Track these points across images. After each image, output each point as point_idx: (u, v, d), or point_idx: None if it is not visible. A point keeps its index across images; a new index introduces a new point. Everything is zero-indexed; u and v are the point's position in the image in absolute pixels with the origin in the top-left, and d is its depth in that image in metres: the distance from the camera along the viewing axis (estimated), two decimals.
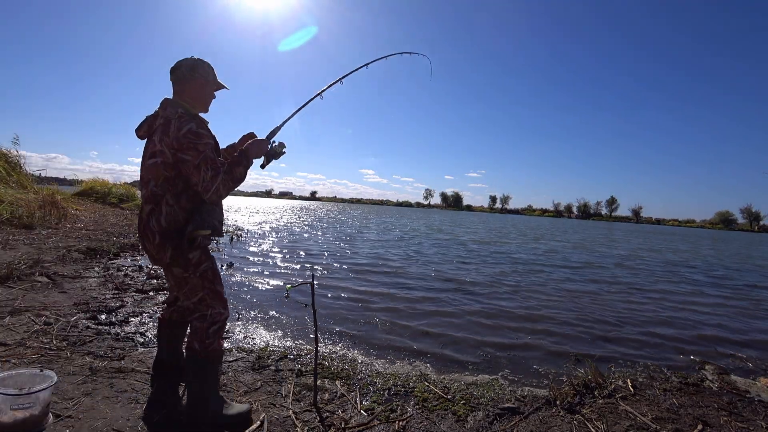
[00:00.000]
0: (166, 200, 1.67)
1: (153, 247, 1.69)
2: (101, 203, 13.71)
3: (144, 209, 1.72)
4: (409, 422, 1.96)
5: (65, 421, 1.70)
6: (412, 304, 4.44)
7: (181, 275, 1.74)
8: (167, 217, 1.67)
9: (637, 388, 2.53)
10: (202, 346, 1.73)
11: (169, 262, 1.71)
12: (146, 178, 1.71)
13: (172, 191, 1.68)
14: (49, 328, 2.70)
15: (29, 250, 5.10)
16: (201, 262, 1.75)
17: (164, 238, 1.67)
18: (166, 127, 1.64)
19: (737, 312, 5.15)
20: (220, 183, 1.66)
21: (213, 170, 1.64)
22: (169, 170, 1.66)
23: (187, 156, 1.62)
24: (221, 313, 1.80)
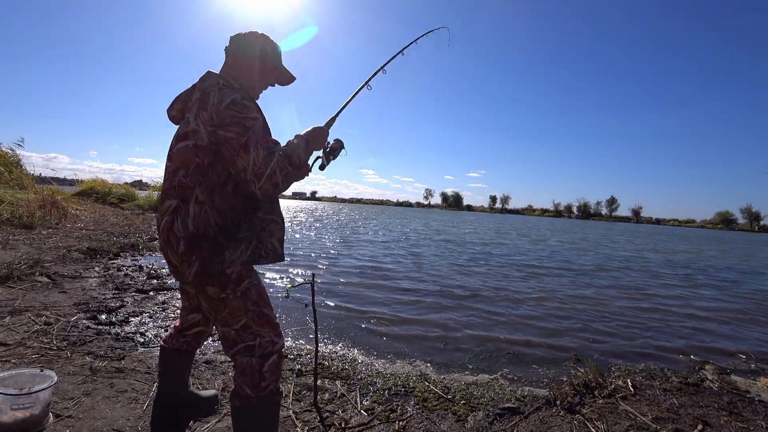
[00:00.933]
0: (196, 196, 1.28)
1: (176, 257, 1.29)
2: (101, 203, 13.72)
3: (166, 206, 1.32)
4: (409, 422, 1.96)
5: (65, 421, 1.70)
6: (413, 304, 4.44)
7: (217, 295, 1.33)
8: (196, 219, 1.27)
9: (637, 388, 2.53)
10: (256, 390, 1.30)
11: (192, 280, 1.31)
12: (173, 167, 1.34)
13: (205, 184, 1.28)
14: (49, 328, 2.70)
15: (29, 250, 5.10)
16: (242, 278, 1.34)
17: (190, 246, 1.27)
18: (203, 101, 1.29)
19: (738, 312, 5.14)
20: (277, 166, 1.24)
21: (266, 150, 1.24)
22: (203, 155, 1.28)
23: (230, 133, 1.23)
24: (273, 341, 1.37)
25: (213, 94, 1.28)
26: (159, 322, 3.11)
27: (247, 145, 1.22)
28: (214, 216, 1.29)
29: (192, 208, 1.28)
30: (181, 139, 1.33)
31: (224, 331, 1.37)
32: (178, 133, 1.36)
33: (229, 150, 1.24)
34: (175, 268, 1.33)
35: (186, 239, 1.27)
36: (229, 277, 1.32)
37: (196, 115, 1.29)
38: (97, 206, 12.60)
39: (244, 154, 1.22)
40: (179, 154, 1.33)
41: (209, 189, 1.29)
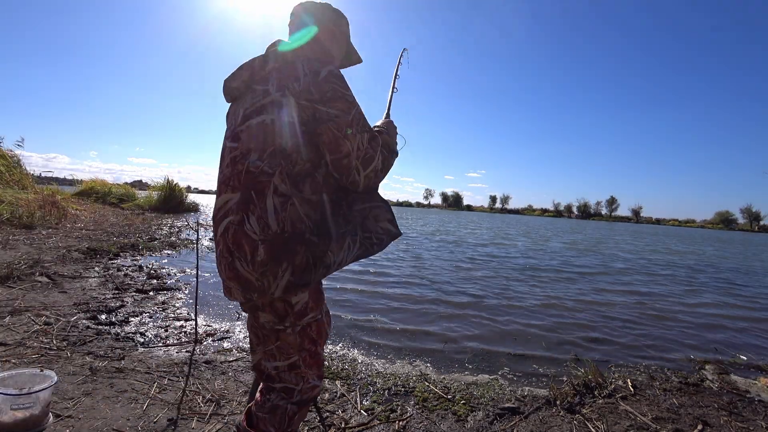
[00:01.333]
0: (275, 186, 0.99)
1: (252, 268, 0.98)
2: (101, 203, 13.72)
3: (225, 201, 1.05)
4: (409, 422, 1.96)
5: (65, 421, 1.70)
6: (413, 304, 4.44)
7: (271, 326, 1.08)
8: (280, 215, 0.98)
9: (637, 388, 2.53)
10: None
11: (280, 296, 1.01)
12: (241, 150, 1.05)
13: (288, 170, 1.01)
14: (49, 328, 2.70)
15: (29, 250, 5.10)
16: (306, 311, 1.09)
17: (276, 251, 0.97)
18: (287, 71, 1.04)
19: (738, 312, 5.15)
20: (380, 153, 1.08)
21: (369, 132, 1.07)
22: (287, 136, 1.02)
23: (333, 110, 1.02)
24: (315, 386, 1.16)
25: (300, 64, 1.04)
26: (159, 322, 3.11)
27: (352, 124, 1.03)
28: (305, 210, 1.01)
29: (271, 201, 0.99)
30: (256, 114, 1.04)
31: (265, 365, 1.14)
32: (246, 107, 1.08)
33: (332, 130, 1.02)
34: (247, 283, 1.00)
35: (268, 243, 0.97)
36: (292, 306, 1.06)
37: (280, 86, 1.03)
38: (97, 206, 12.61)
39: (350, 137, 1.03)
40: (252, 132, 1.03)
41: (294, 177, 1.02)
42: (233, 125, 1.10)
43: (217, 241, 1.05)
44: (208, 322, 3.25)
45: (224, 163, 1.09)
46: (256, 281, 0.99)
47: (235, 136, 1.07)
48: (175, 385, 2.11)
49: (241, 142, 1.05)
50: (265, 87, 1.05)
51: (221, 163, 1.11)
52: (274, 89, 1.03)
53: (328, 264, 1.02)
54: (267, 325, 1.09)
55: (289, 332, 1.08)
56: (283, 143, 1.01)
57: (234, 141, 1.07)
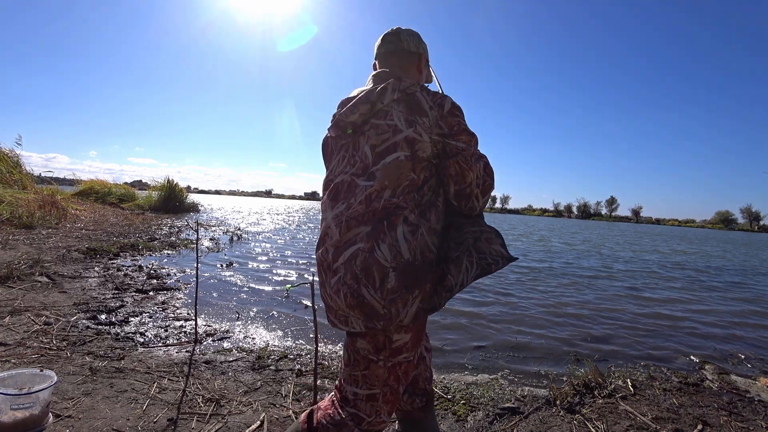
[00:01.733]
0: (405, 217, 1.04)
1: (382, 295, 1.00)
2: (101, 203, 13.72)
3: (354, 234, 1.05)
4: None
5: (65, 421, 1.70)
6: None
7: (365, 353, 1.09)
8: (411, 243, 1.03)
9: (637, 387, 2.53)
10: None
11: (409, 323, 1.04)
12: (377, 188, 1.06)
13: (417, 202, 1.07)
14: (49, 328, 2.70)
15: (29, 250, 5.10)
16: (402, 350, 1.09)
17: (408, 279, 1.00)
18: (412, 105, 1.07)
19: (738, 312, 5.15)
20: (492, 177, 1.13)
21: (484, 160, 1.12)
22: (420, 169, 1.07)
23: (460, 143, 1.07)
24: (383, 422, 1.14)
25: (422, 96, 1.09)
26: (159, 322, 3.11)
27: (474, 155, 1.08)
28: (431, 239, 1.07)
29: (401, 230, 1.03)
30: (389, 152, 1.06)
31: (343, 387, 1.15)
32: (374, 143, 1.09)
33: (460, 163, 1.06)
34: (372, 311, 1.00)
35: (399, 271, 1.00)
36: (391, 342, 1.07)
37: (410, 122, 1.06)
38: (97, 206, 12.61)
39: (474, 167, 1.07)
40: (389, 170, 1.05)
41: (422, 207, 1.07)
42: (364, 162, 1.10)
43: (336, 269, 1.05)
44: (208, 322, 3.25)
45: (358, 200, 1.07)
46: (382, 309, 1.00)
47: (370, 174, 1.08)
48: (175, 385, 2.11)
49: (377, 180, 1.07)
50: (392, 122, 1.08)
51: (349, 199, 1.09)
52: (403, 125, 1.06)
53: (450, 287, 1.05)
54: (362, 352, 1.09)
55: (380, 365, 1.09)
56: (415, 178, 1.06)
57: (369, 180, 1.08)
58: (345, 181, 1.12)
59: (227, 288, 4.52)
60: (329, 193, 1.15)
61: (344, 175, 1.13)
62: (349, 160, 1.14)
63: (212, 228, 11.64)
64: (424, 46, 1.29)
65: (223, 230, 11.25)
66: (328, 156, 1.24)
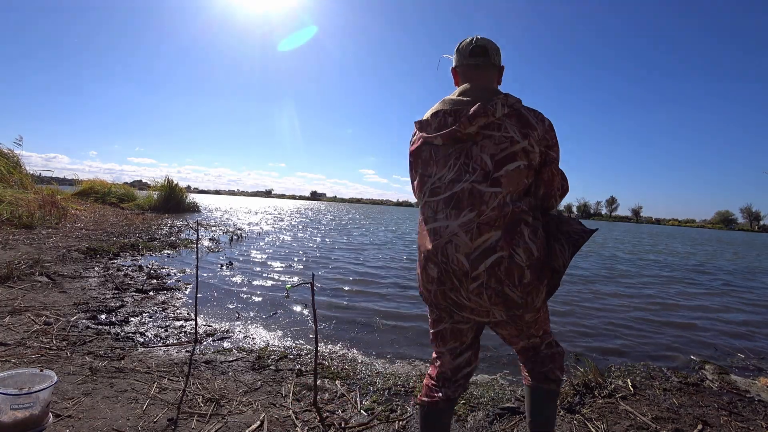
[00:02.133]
0: (527, 220, 1.19)
1: (520, 290, 1.16)
2: (101, 203, 13.73)
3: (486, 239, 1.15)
4: (409, 422, 1.96)
5: (65, 421, 1.70)
6: (413, 304, 4.44)
7: (532, 317, 1.29)
8: (536, 243, 1.19)
9: (637, 387, 2.53)
10: (562, 372, 1.43)
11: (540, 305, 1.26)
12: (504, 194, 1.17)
13: (531, 205, 1.23)
14: (49, 328, 2.70)
15: (29, 250, 5.10)
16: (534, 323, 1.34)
17: (539, 273, 1.19)
18: (521, 120, 1.21)
19: (738, 312, 5.15)
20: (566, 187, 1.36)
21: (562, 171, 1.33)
22: (530, 176, 1.23)
23: (554, 153, 1.26)
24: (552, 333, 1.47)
25: (527, 111, 1.23)
26: (159, 322, 3.11)
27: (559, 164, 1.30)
28: (543, 236, 1.24)
29: (527, 233, 1.17)
30: (509, 161, 1.18)
31: (532, 342, 1.40)
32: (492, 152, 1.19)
33: (552, 170, 1.26)
34: (512, 303, 1.17)
35: (533, 267, 1.16)
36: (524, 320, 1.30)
37: (524, 134, 1.19)
38: (97, 206, 12.61)
39: (560, 175, 1.30)
40: (512, 177, 1.18)
41: (533, 210, 1.24)
42: (483, 170, 1.19)
43: (476, 276, 1.15)
44: (208, 322, 3.25)
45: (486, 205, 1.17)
46: (519, 299, 1.17)
47: (494, 181, 1.18)
48: (175, 385, 2.11)
49: (503, 186, 1.17)
50: (508, 134, 1.19)
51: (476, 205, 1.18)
52: (519, 137, 1.19)
53: (558, 269, 1.26)
54: (529, 319, 1.30)
55: (543, 311, 1.34)
56: (527, 183, 1.22)
57: (494, 186, 1.17)
58: (466, 189, 1.19)
59: (227, 288, 4.52)
60: (446, 201, 1.21)
61: (463, 183, 1.20)
62: (462, 167, 1.21)
63: (212, 228, 11.64)
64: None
65: (223, 230, 11.25)
66: (424, 163, 1.29)
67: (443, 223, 1.20)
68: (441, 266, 1.19)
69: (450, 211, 1.20)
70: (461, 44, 1.39)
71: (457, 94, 1.30)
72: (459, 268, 1.16)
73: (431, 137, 1.26)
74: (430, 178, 1.26)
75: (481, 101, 1.21)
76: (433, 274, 1.22)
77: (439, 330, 1.37)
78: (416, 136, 1.34)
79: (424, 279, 1.26)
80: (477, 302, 1.18)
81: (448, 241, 1.18)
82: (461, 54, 1.37)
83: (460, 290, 1.18)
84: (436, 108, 1.29)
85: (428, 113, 1.31)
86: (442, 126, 1.25)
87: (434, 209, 1.23)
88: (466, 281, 1.16)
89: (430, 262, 1.22)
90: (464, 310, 1.23)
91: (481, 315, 1.23)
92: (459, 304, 1.21)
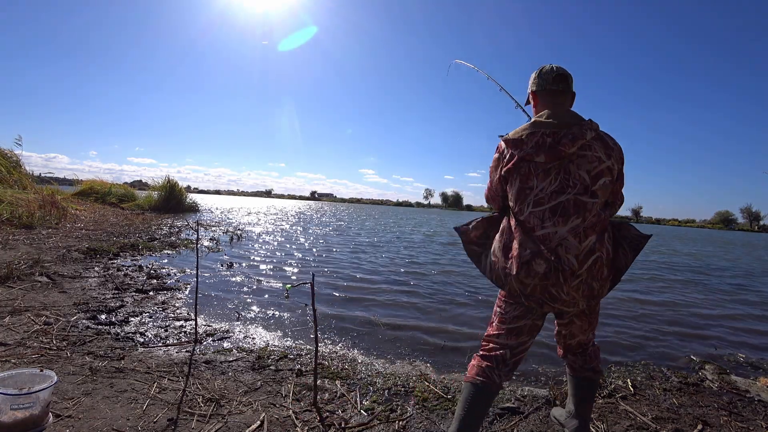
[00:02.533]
0: (607, 226, 1.47)
1: (600, 282, 1.43)
2: (101, 203, 13.73)
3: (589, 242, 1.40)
4: (409, 422, 1.96)
5: (65, 421, 1.70)
6: (413, 304, 4.44)
7: (595, 308, 1.59)
8: (610, 245, 1.47)
9: (636, 387, 2.53)
10: (600, 366, 1.72)
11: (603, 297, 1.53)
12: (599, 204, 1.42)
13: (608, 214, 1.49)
14: (49, 328, 2.70)
15: (29, 250, 5.10)
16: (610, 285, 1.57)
17: (609, 270, 1.46)
18: (605, 142, 1.45)
19: (738, 312, 5.14)
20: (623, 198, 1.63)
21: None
22: (611, 189, 1.47)
23: (622, 171, 1.51)
24: None
25: (605, 136, 1.48)
26: (159, 322, 3.11)
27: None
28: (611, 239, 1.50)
29: (606, 236, 1.44)
30: (600, 177, 1.42)
31: (588, 337, 1.67)
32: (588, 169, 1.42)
33: (620, 184, 1.52)
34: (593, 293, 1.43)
35: (607, 265, 1.44)
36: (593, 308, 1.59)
37: (608, 155, 1.43)
38: (97, 206, 12.62)
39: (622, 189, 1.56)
40: (603, 190, 1.43)
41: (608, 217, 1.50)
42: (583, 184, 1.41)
43: (579, 274, 1.39)
44: (208, 322, 3.25)
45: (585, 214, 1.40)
46: (598, 290, 1.43)
47: (593, 193, 1.41)
48: (175, 385, 2.11)
49: (599, 197, 1.42)
50: (597, 154, 1.42)
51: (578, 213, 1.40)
52: (605, 157, 1.43)
53: (621, 269, 1.51)
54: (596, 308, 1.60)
55: (598, 311, 1.62)
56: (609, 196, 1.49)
57: (593, 197, 1.41)
58: (571, 199, 1.40)
59: (227, 288, 4.52)
60: (552, 210, 1.42)
61: (567, 194, 1.41)
62: (564, 181, 1.42)
63: (212, 228, 11.64)
64: None
65: (223, 230, 11.25)
66: (524, 177, 1.47)
67: (551, 229, 1.40)
68: (551, 264, 1.38)
69: (557, 218, 1.40)
70: (543, 70, 1.58)
71: (546, 117, 1.48)
72: (569, 267, 1.38)
73: (531, 155, 1.43)
74: (531, 191, 1.45)
75: (571, 125, 1.43)
76: (539, 270, 1.39)
77: (519, 325, 1.55)
78: (507, 152, 1.51)
79: (524, 275, 1.42)
80: (572, 296, 1.41)
81: (559, 244, 1.39)
82: (544, 80, 1.56)
83: (563, 286, 1.39)
84: (530, 129, 1.46)
85: (520, 133, 1.48)
86: (541, 145, 1.42)
87: (540, 218, 1.42)
88: (571, 278, 1.39)
89: (539, 258, 1.39)
90: (556, 302, 1.43)
91: (569, 306, 1.45)
92: (555, 297, 1.42)
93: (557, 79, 1.54)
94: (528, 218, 1.44)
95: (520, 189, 1.47)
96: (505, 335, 1.57)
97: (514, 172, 1.48)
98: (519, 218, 1.47)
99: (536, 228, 1.42)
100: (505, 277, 1.49)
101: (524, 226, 1.45)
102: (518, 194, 1.48)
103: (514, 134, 1.49)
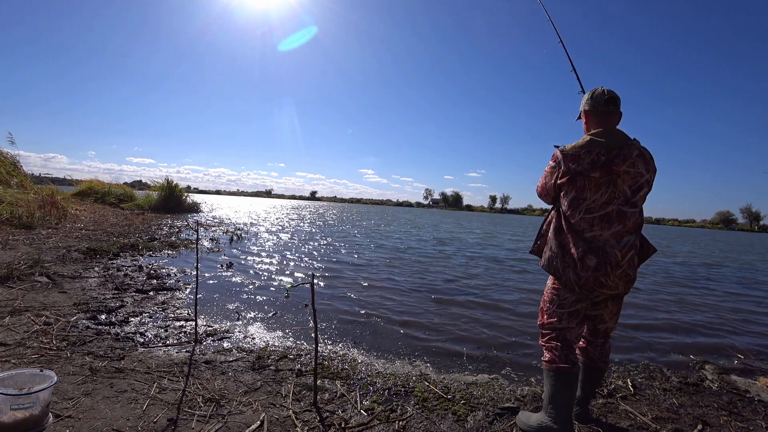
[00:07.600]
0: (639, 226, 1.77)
1: (634, 272, 1.76)
2: (100, 203, 13.72)
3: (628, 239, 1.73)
4: (409, 422, 1.96)
5: (65, 421, 1.70)
6: (413, 304, 4.44)
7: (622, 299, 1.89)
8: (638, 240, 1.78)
9: (637, 387, 2.53)
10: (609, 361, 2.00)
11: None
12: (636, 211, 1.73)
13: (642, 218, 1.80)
14: (49, 328, 2.70)
15: (29, 250, 5.10)
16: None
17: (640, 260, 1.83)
18: (645, 158, 1.72)
19: (739, 312, 5.14)
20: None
21: None
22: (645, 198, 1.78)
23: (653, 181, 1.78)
24: None
25: (644, 152, 1.73)
26: (159, 322, 3.11)
27: None
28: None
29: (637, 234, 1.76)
30: (640, 189, 1.72)
31: (613, 327, 1.92)
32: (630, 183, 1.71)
33: (648, 191, 1.77)
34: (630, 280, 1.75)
35: (638, 255, 1.79)
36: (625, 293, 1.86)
37: (647, 170, 1.72)
38: (97, 206, 12.62)
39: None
40: (642, 199, 1.75)
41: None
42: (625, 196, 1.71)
43: (621, 264, 1.70)
44: (208, 322, 3.25)
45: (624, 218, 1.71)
46: (633, 277, 1.76)
47: (633, 204, 1.72)
48: (175, 385, 2.11)
49: (637, 207, 1.74)
50: (639, 170, 1.70)
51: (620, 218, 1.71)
52: (645, 171, 1.72)
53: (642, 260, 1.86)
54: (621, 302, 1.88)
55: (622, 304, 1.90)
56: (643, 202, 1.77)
57: (633, 207, 1.72)
58: (615, 210, 1.71)
59: (227, 288, 4.52)
60: (600, 218, 1.71)
61: (612, 205, 1.71)
62: (612, 194, 1.70)
63: (212, 228, 11.63)
64: None
65: (223, 230, 11.25)
66: (579, 189, 1.74)
67: (598, 233, 1.71)
68: (600, 258, 1.69)
69: (603, 224, 1.71)
70: (595, 93, 1.82)
71: (600, 136, 1.72)
72: (614, 260, 1.68)
73: (587, 170, 1.70)
74: (584, 201, 1.73)
75: (622, 145, 1.68)
76: (591, 264, 1.69)
77: (576, 309, 1.81)
78: (563, 165, 1.76)
79: (580, 267, 1.71)
80: (616, 282, 1.72)
81: (604, 243, 1.70)
82: (596, 101, 1.80)
83: (609, 275, 1.69)
84: (587, 147, 1.72)
85: (578, 150, 1.73)
86: (596, 162, 1.69)
87: (590, 223, 1.72)
88: (615, 269, 1.69)
89: (591, 254, 1.69)
90: (604, 288, 1.73)
91: (612, 290, 1.74)
92: (603, 284, 1.71)
93: (608, 102, 1.77)
94: (579, 222, 1.73)
95: (575, 198, 1.74)
96: (567, 318, 1.82)
97: (571, 183, 1.75)
98: (570, 221, 1.76)
99: (585, 231, 1.72)
100: (564, 270, 1.75)
101: (575, 228, 1.74)
102: (572, 202, 1.75)
103: (572, 149, 1.74)
